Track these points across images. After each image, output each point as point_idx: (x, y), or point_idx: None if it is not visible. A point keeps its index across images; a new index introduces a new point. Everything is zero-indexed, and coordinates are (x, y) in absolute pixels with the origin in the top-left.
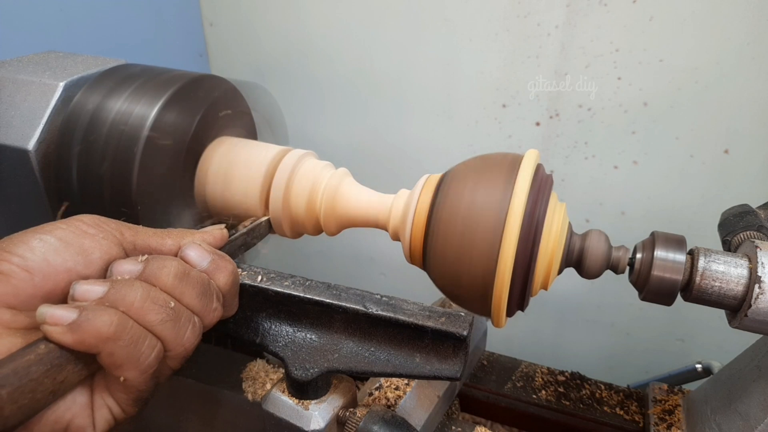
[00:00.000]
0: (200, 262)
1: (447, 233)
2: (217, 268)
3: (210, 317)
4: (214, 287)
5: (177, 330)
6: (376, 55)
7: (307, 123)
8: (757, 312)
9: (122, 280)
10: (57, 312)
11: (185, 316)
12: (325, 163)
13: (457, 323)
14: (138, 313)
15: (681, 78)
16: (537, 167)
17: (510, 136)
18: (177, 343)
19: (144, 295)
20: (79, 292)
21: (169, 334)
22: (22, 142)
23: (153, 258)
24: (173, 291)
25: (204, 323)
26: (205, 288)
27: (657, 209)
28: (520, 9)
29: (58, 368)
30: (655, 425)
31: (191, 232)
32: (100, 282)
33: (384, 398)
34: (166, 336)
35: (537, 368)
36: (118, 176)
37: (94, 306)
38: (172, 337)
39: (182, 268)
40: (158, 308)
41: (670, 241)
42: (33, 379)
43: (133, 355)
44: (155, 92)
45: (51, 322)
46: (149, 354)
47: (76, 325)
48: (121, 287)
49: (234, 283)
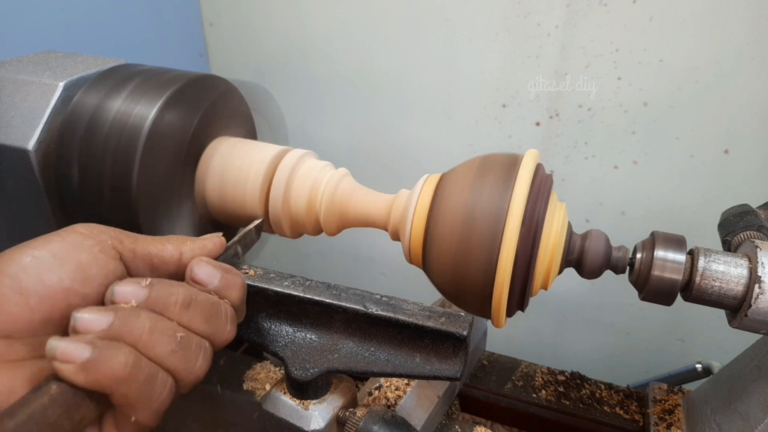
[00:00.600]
0: (211, 280)
1: (447, 233)
2: (227, 285)
3: (221, 339)
4: (225, 307)
5: (187, 359)
6: (376, 55)
7: (307, 123)
8: (757, 312)
9: (127, 308)
10: (69, 348)
11: (195, 342)
12: (325, 163)
13: (457, 323)
14: (146, 345)
15: (681, 78)
16: (537, 167)
17: (510, 136)
18: (188, 372)
19: (152, 326)
20: (82, 323)
21: (179, 364)
22: (22, 142)
23: (158, 282)
24: (181, 319)
25: (215, 346)
26: (215, 310)
27: (657, 209)
28: (520, 9)
29: (75, 408)
30: (655, 425)
31: (191, 239)
32: (103, 310)
33: (384, 398)
34: (176, 367)
35: (537, 368)
36: (118, 176)
37: (106, 343)
38: (182, 368)
39: (189, 293)
40: (167, 339)
41: (670, 241)
42: (51, 423)
43: (148, 394)
44: (155, 92)
45: (62, 359)
46: (161, 392)
47: (90, 365)
48: (127, 318)
49: (244, 296)
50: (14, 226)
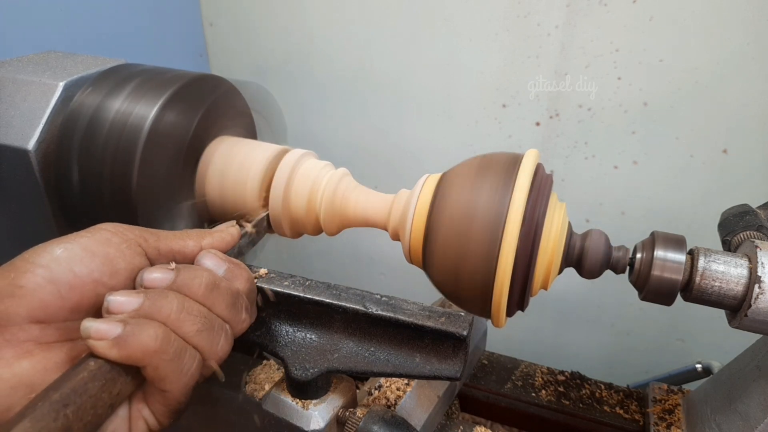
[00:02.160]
0: (216, 270)
1: (447, 233)
2: (233, 276)
3: (239, 327)
4: (243, 299)
5: (212, 339)
6: (376, 55)
7: (307, 123)
8: (757, 312)
9: (156, 290)
10: (102, 327)
11: (218, 324)
12: (324, 163)
13: (457, 323)
14: (175, 324)
15: (681, 78)
16: (537, 167)
17: (510, 136)
18: (213, 351)
19: (179, 306)
20: (115, 305)
21: (205, 344)
22: (22, 142)
23: (184, 268)
24: (205, 301)
25: (234, 332)
26: (235, 299)
27: (657, 209)
28: (520, 9)
29: (112, 382)
30: (655, 425)
31: (209, 232)
32: (134, 293)
33: (384, 398)
34: (202, 346)
35: (537, 368)
36: (118, 176)
37: (137, 320)
38: (207, 347)
39: (213, 278)
40: (194, 318)
41: (670, 241)
42: (92, 396)
43: (178, 368)
44: (155, 92)
45: (96, 336)
46: (191, 365)
47: (122, 340)
48: (157, 298)
49: (251, 289)
50: (14, 226)
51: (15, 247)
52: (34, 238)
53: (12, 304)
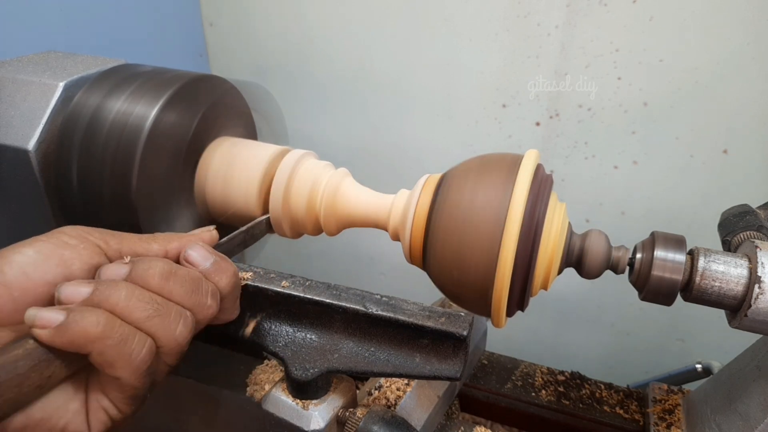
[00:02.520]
0: (203, 262)
1: (447, 233)
2: (218, 269)
3: (203, 313)
4: (208, 284)
5: (167, 325)
6: (376, 55)
7: (307, 123)
8: (757, 312)
9: (107, 281)
10: (45, 315)
11: (175, 311)
12: (325, 163)
13: (457, 323)
14: (123, 311)
15: (681, 78)
16: (537, 167)
17: (510, 136)
18: (169, 338)
19: (128, 293)
20: (65, 294)
21: (158, 330)
22: (22, 142)
23: (139, 260)
24: (161, 290)
25: (197, 319)
26: (196, 285)
27: (657, 209)
28: (520, 9)
29: (46, 363)
30: (655, 425)
31: (178, 236)
32: (85, 283)
33: (384, 398)
34: (155, 332)
35: (537, 368)
36: (118, 176)
37: (80, 307)
38: (162, 333)
39: (168, 267)
40: (143, 305)
41: (670, 241)
42: (20, 374)
43: (124, 353)
44: (155, 92)
45: (39, 324)
46: (140, 350)
47: (64, 327)
48: (106, 288)
49: (235, 285)
50: (14, 226)
51: None
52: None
53: None
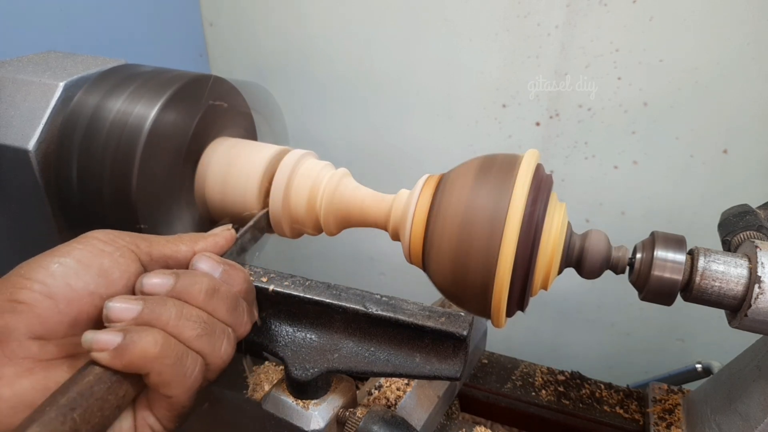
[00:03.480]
0: (212, 273)
1: (447, 233)
2: (229, 278)
3: (242, 330)
4: (243, 302)
5: (213, 343)
6: (376, 55)
7: (307, 123)
8: (757, 312)
9: (155, 297)
10: (102, 337)
11: (219, 329)
12: (325, 163)
13: (457, 323)
14: (174, 330)
15: (681, 78)
16: (537, 167)
17: (510, 136)
18: (215, 356)
19: (178, 312)
20: (114, 312)
21: (206, 348)
22: (22, 142)
23: (183, 273)
24: (206, 306)
25: (237, 335)
26: (236, 303)
27: (657, 209)
28: (520, 9)
29: (118, 384)
30: (655, 425)
31: (203, 236)
32: (132, 299)
33: (384, 398)
34: (203, 350)
35: (537, 368)
36: (118, 176)
37: (135, 327)
38: (209, 351)
39: (212, 283)
40: (193, 324)
41: (670, 241)
42: (99, 398)
43: (180, 373)
44: (155, 92)
45: (97, 348)
46: (193, 369)
47: (122, 348)
48: (156, 305)
49: (249, 290)
50: (14, 226)
51: (15, 247)
52: (34, 238)
53: (11, 319)
